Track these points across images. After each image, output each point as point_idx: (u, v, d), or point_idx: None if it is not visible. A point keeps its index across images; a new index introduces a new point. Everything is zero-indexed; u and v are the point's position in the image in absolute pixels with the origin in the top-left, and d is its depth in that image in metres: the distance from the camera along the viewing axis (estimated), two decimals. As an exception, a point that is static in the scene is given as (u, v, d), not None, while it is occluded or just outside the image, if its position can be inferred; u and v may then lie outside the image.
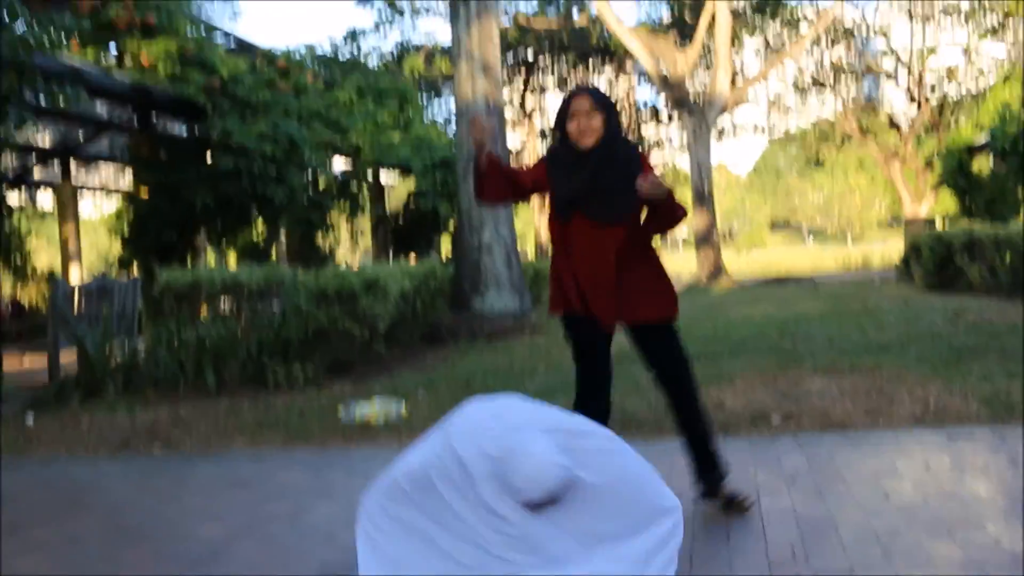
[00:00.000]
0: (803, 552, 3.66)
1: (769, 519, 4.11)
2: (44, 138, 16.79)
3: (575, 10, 31.74)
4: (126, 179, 19.01)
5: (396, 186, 23.68)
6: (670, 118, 35.02)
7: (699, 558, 3.76)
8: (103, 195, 21.47)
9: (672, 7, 30.76)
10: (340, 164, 17.26)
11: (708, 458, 4.30)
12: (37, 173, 18.06)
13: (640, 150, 4.26)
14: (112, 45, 12.42)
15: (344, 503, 4.88)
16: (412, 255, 19.55)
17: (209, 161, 12.19)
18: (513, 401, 3.71)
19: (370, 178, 18.47)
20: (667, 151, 36.79)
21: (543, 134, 34.91)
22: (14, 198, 16.86)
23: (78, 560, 4.14)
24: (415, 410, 7.26)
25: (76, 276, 16.12)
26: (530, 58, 33.19)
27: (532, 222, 36.36)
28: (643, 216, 4.18)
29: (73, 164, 17.46)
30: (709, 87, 26.07)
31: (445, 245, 21.16)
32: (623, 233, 4.10)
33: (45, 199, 21.00)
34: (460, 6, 13.58)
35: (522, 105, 33.66)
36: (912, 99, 32.62)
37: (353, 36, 32.04)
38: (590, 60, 32.98)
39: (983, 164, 23.16)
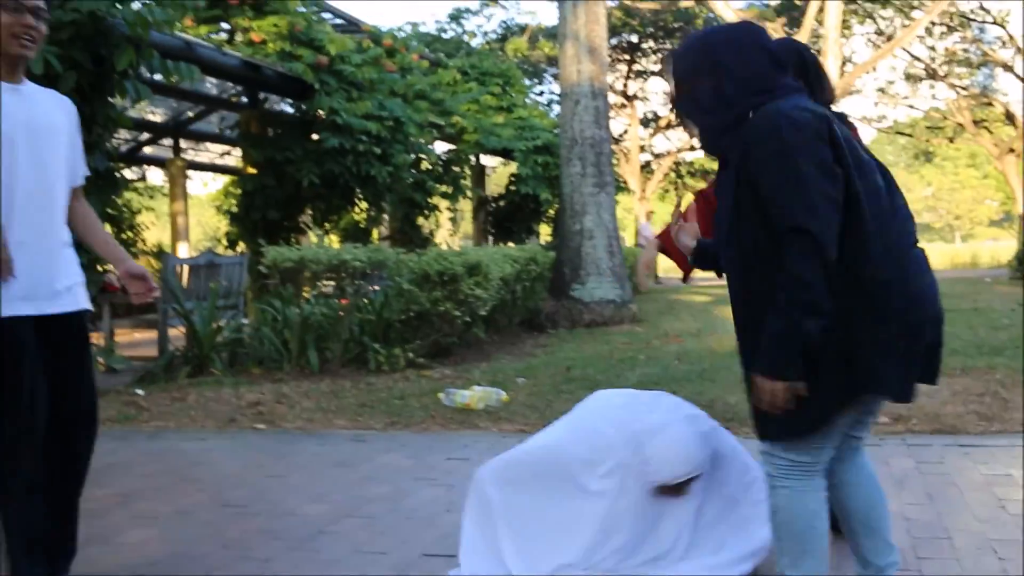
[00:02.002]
0: (915, 559, 3.54)
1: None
2: (155, 114, 17.17)
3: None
4: (233, 157, 19.36)
5: (497, 169, 23.70)
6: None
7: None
8: (211, 173, 21.88)
9: (781, -10, 30.19)
10: (442, 146, 17.31)
11: None
12: (148, 149, 18.48)
13: (847, 118, 3.59)
14: (223, 22, 12.61)
15: (444, 487, 4.88)
16: (511, 241, 19.55)
17: (315, 139, 12.29)
18: (641, 392, 3.73)
19: (472, 160, 18.49)
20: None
21: (645, 120, 34.62)
22: (126, 174, 17.26)
23: (186, 533, 4.20)
24: (515, 397, 7.24)
25: (184, 252, 16.47)
26: (634, 41, 32.90)
27: (631, 209, 36.13)
28: None
29: (183, 141, 17.82)
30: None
31: (544, 230, 21.11)
32: None
33: (155, 176, 21.52)
34: (567, -12, 13.50)
35: (624, 90, 33.39)
36: (1030, 90, 31.54)
37: (458, 16, 32.17)
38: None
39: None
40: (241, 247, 13.02)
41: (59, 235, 3.30)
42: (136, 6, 7.58)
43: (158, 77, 8.30)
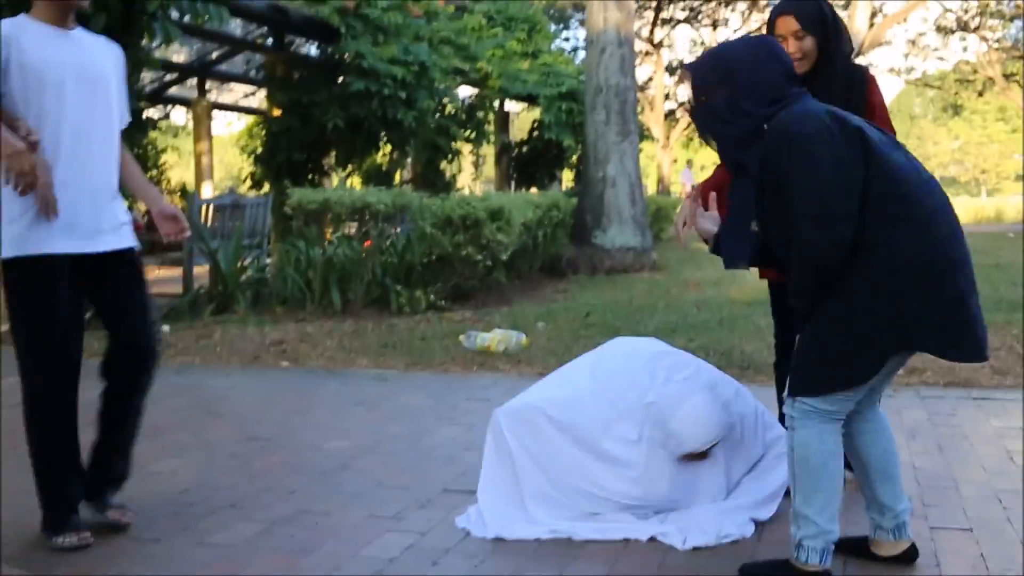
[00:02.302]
0: (921, 507, 3.63)
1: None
2: (179, 54, 17.22)
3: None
4: (257, 98, 19.41)
5: (521, 114, 23.65)
6: (803, 56, 34.03)
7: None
8: (235, 113, 21.92)
9: (812, -60, 29.72)
10: (467, 90, 17.30)
11: None
12: (173, 89, 18.55)
13: (866, 71, 3.64)
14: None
15: (464, 427, 5.00)
16: (534, 186, 19.58)
17: (340, 83, 12.33)
18: (661, 346, 3.79)
19: (496, 106, 18.48)
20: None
21: (671, 68, 34.35)
22: (151, 113, 17.34)
23: (213, 465, 4.34)
24: (534, 341, 7.34)
25: (208, 192, 16.59)
26: (661, -12, 32.57)
27: (654, 157, 36.00)
28: None
29: (207, 81, 17.87)
30: (846, 25, 25.25)
31: (567, 178, 21.11)
32: None
33: (179, 115, 21.58)
34: (595, -66, 13.41)
35: (650, 37, 33.11)
36: (1063, 45, 31.10)
37: (484, -39, 31.90)
38: (723, -7, 32.20)
39: None
40: (265, 188, 13.13)
41: (106, 177, 3.40)
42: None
43: (186, 18, 8.36)
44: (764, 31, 3.60)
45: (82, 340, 3.38)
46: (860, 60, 31.37)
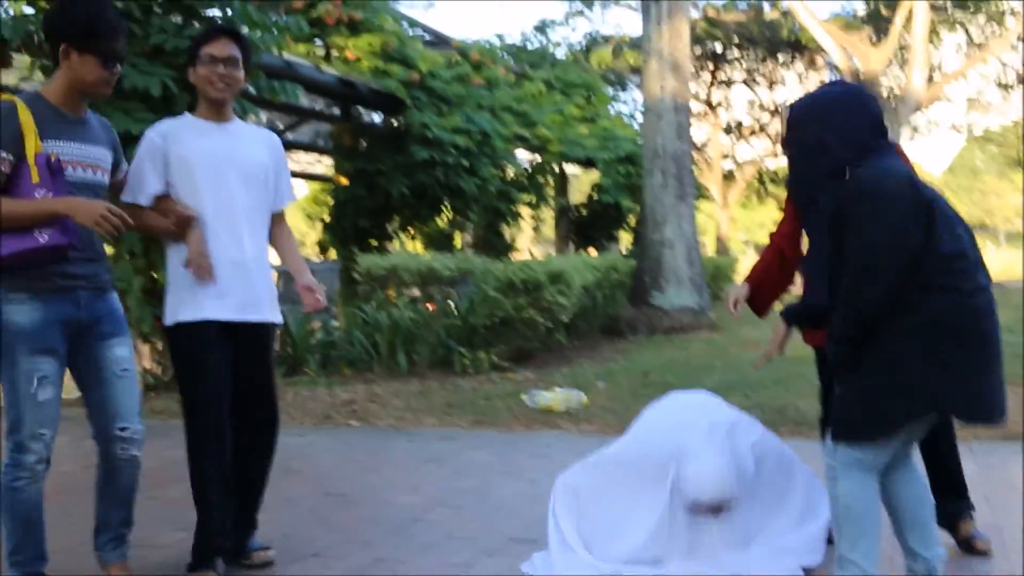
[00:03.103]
0: (966, 555, 3.82)
1: (935, 523, 4.25)
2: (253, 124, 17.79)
3: (766, 3, 31.33)
4: (323, 165, 19.94)
5: (579, 176, 24.00)
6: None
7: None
8: (301, 180, 22.51)
9: (868, 1, 29.99)
10: (526, 155, 17.68)
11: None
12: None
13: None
14: (319, 40, 13.17)
15: (527, 481, 5.26)
16: (592, 247, 19.86)
17: (406, 151, 12.77)
18: (704, 398, 4.04)
19: (555, 169, 18.84)
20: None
21: (728, 128, 34.61)
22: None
23: (294, 519, 4.65)
24: (594, 400, 7.59)
25: (277, 258, 17.04)
26: (718, 50, 32.96)
27: (713, 215, 36.14)
28: None
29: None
30: (904, 84, 25.40)
31: (625, 238, 21.35)
32: None
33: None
34: (651, 4, 13.80)
35: (708, 99, 33.45)
36: (1124, 99, 30.86)
37: (543, 27, 32.54)
38: (779, 54, 32.49)
39: None
40: (331, 253, 13.56)
41: (254, 253, 3.77)
42: (245, 31, 8.08)
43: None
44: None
45: (229, 396, 3.75)
46: (918, 115, 31.38)
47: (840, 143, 3.06)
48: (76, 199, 3.21)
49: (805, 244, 4.16)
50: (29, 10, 7.68)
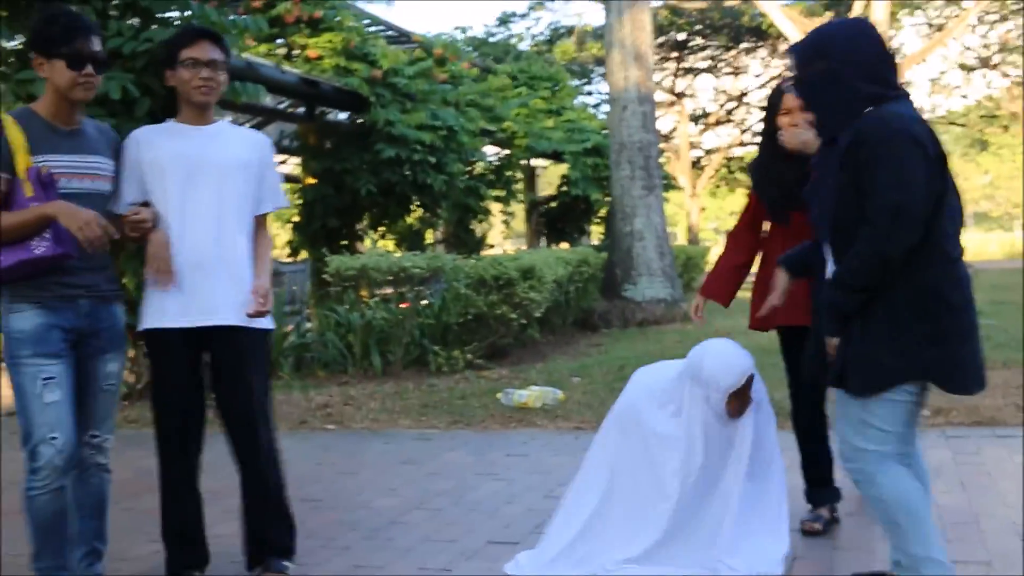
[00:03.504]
0: (943, 541, 3.81)
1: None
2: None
3: (727, -10, 31.43)
4: (289, 165, 19.84)
5: (548, 169, 24.00)
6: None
7: (841, 539, 3.98)
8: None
9: (828, -14, 30.13)
10: (493, 149, 17.64)
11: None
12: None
13: None
14: (279, 39, 13.06)
15: (505, 481, 5.23)
16: (564, 241, 19.86)
17: (372, 150, 12.69)
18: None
19: (523, 163, 18.82)
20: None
21: (694, 117, 34.72)
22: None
23: (271, 526, 4.58)
24: (570, 395, 7.57)
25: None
26: (681, 39, 33.02)
27: (682, 205, 36.26)
28: None
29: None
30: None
31: (596, 231, 21.38)
32: None
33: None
34: (613, -5, 13.80)
35: (672, 88, 33.53)
36: (1085, 78, 31.15)
37: (506, 20, 32.52)
38: (742, 42, 32.60)
39: None
40: (302, 254, 13.47)
41: (225, 256, 3.66)
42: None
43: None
44: (780, 83, 4.02)
45: (197, 403, 3.77)
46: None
47: (851, 74, 2.96)
48: (66, 203, 3.23)
49: (766, 227, 4.24)
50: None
